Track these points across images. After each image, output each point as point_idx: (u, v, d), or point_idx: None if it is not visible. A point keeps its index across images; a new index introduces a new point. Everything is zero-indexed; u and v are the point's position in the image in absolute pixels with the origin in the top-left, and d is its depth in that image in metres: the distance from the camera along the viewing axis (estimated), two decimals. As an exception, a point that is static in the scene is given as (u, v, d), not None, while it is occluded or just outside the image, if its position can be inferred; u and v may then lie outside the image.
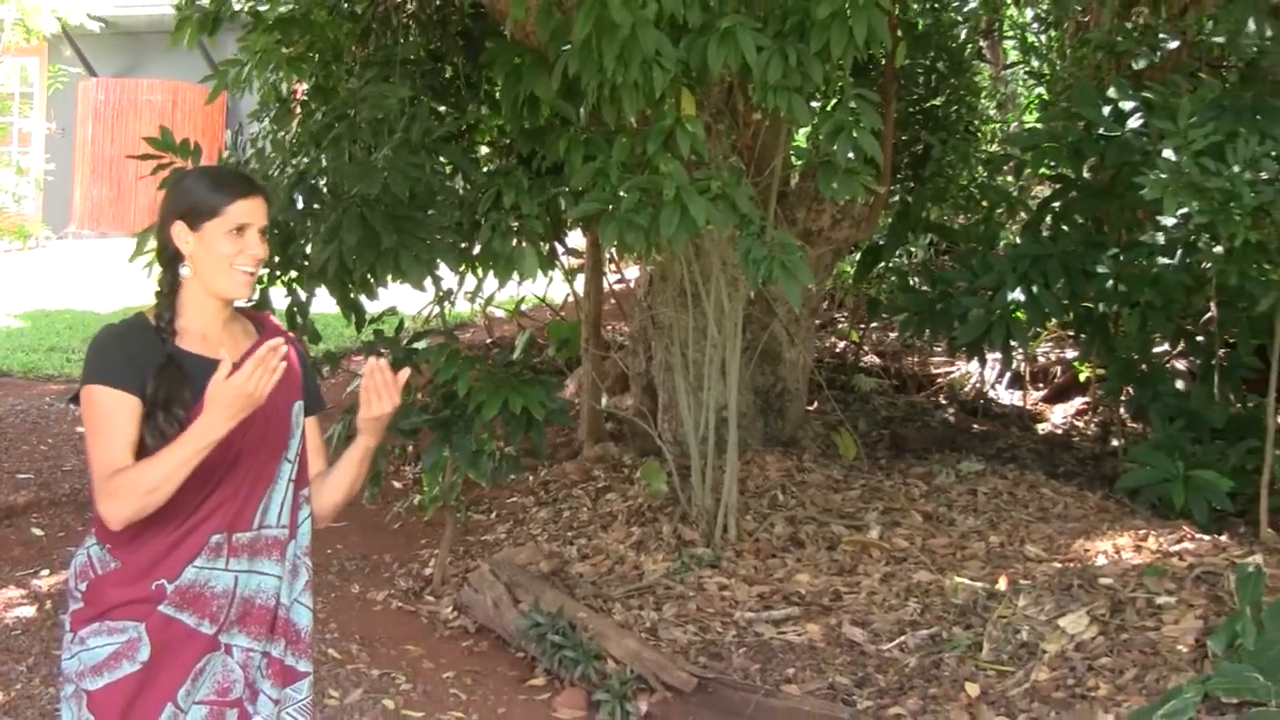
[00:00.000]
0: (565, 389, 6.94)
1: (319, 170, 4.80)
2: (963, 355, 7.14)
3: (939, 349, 8.16)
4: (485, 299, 5.96)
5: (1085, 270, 5.59)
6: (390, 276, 4.53)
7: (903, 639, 4.19)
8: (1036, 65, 8.82)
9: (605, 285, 6.92)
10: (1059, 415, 7.43)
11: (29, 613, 4.62)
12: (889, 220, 7.21)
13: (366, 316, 4.99)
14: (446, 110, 5.51)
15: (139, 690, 2.15)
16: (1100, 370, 6.70)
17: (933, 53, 7.27)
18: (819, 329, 8.04)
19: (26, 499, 5.91)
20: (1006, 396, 7.77)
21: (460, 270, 5.23)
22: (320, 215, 4.52)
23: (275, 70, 5.31)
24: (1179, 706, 3.31)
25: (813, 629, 4.32)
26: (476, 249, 4.90)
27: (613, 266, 7.71)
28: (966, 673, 3.92)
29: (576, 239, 6.92)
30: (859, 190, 4.52)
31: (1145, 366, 5.83)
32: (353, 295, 4.81)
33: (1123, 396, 6.01)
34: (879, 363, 8.24)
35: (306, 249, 4.67)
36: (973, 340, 5.76)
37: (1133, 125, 5.30)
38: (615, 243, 4.35)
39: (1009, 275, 5.66)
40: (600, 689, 3.99)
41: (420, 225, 4.51)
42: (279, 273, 4.77)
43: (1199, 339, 5.84)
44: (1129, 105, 5.36)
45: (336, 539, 5.50)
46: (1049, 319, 6.22)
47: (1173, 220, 4.98)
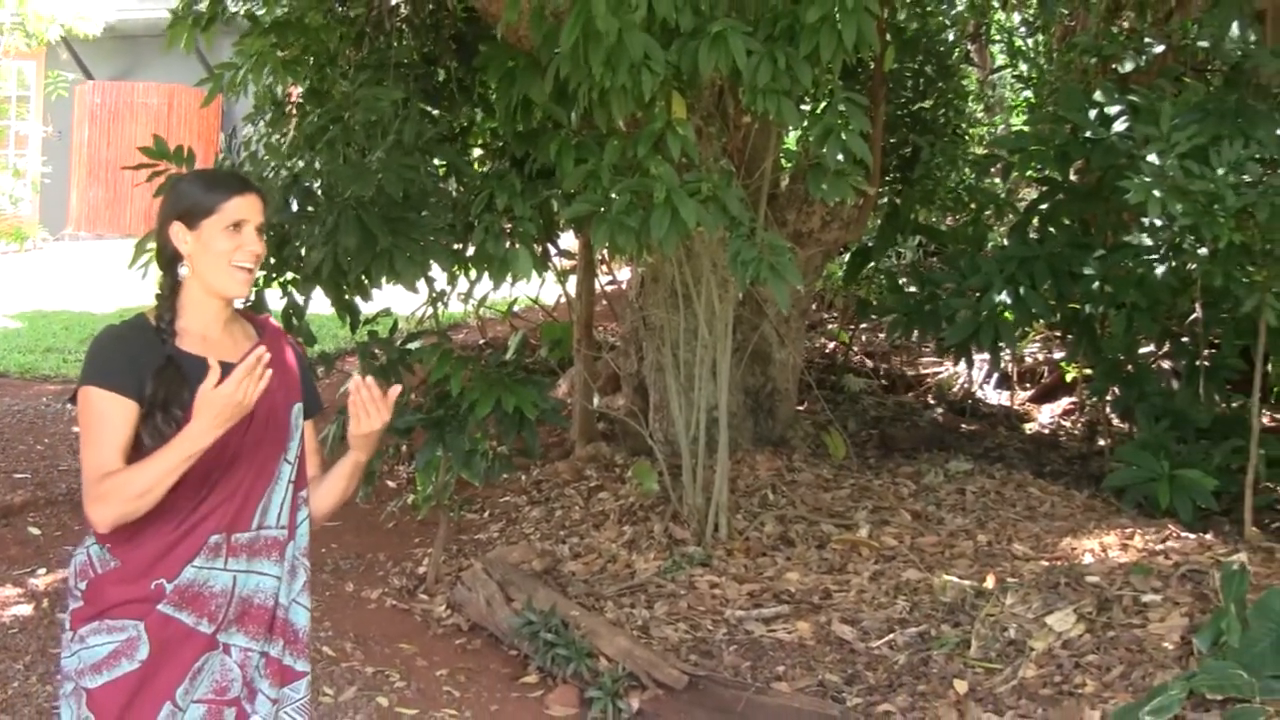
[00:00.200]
0: (557, 389, 6.95)
1: (313, 173, 4.82)
2: (951, 356, 7.21)
3: (927, 349, 8.20)
4: (478, 300, 5.98)
5: (1072, 271, 5.63)
6: (385, 278, 4.55)
7: (892, 637, 4.23)
8: (1024, 69, 8.86)
9: (597, 286, 6.96)
10: (1046, 415, 7.47)
11: (26, 611, 4.63)
12: (878, 222, 7.24)
13: (361, 317, 5.01)
14: (439, 113, 5.54)
15: (138, 688, 2.16)
16: (1087, 370, 6.74)
17: (921, 56, 7.29)
18: (809, 330, 8.07)
19: (23, 498, 5.92)
20: (994, 396, 7.80)
21: (454, 271, 5.25)
22: (315, 217, 4.54)
23: (270, 74, 5.32)
24: (1164, 703, 3.35)
25: (803, 627, 4.35)
26: (470, 250, 4.92)
27: (604, 268, 7.76)
28: (955, 670, 3.95)
29: (569, 241, 6.94)
30: (848, 192, 4.55)
31: (1131, 367, 5.87)
32: (347, 296, 4.83)
33: (1109, 396, 6.05)
34: (868, 363, 8.29)
35: (301, 251, 4.68)
36: (961, 341, 5.80)
37: (1118, 129, 5.34)
38: (607, 244, 4.37)
39: (996, 276, 5.71)
40: (592, 686, 4.01)
41: (414, 227, 4.52)
42: (274, 275, 4.79)
43: (1184, 340, 5.88)
44: (1115, 109, 5.40)
45: (331, 538, 5.52)
46: (1036, 320, 6.27)
47: (1159, 222, 5.03)
